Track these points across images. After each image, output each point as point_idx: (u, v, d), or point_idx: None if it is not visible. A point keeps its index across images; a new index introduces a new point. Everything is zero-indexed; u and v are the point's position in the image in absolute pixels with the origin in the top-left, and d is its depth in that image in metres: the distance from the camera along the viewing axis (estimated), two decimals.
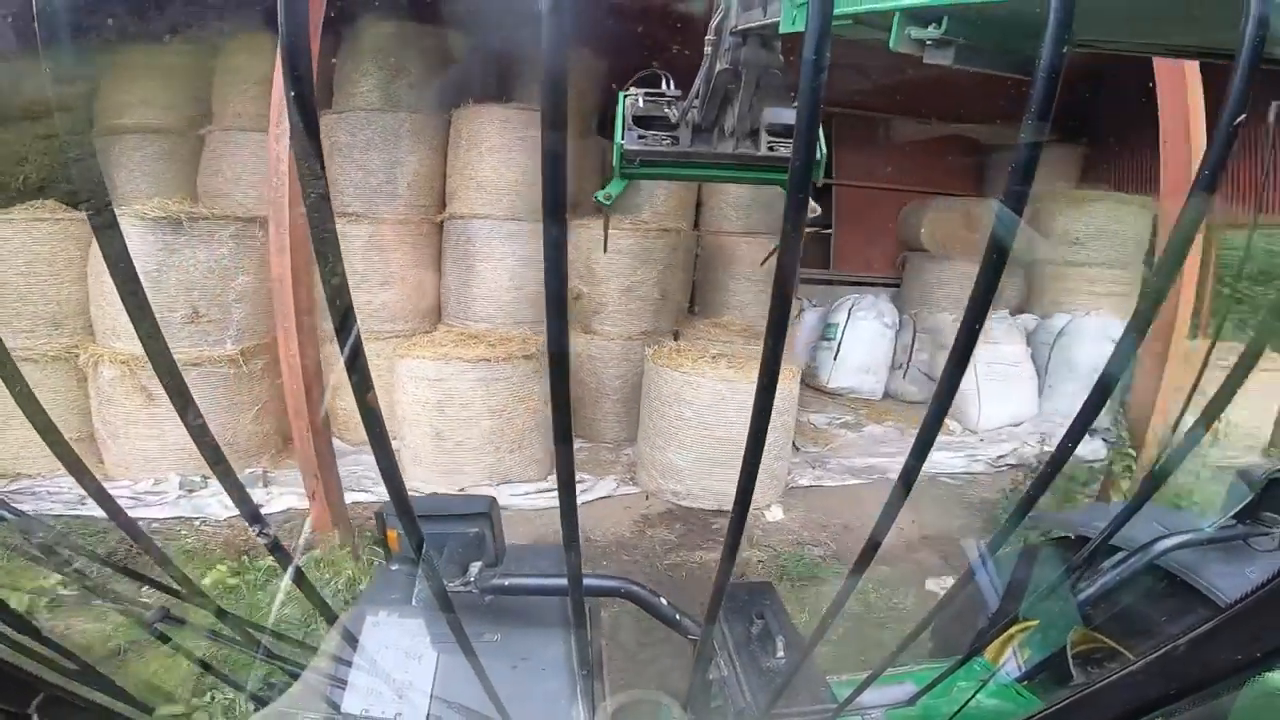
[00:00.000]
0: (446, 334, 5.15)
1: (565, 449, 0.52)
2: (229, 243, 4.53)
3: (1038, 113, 0.44)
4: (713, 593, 0.69)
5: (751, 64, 2.23)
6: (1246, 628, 0.47)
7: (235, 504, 0.60)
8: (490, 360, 4.36)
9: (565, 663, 1.20)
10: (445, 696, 0.99)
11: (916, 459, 0.57)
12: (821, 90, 0.42)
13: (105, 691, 0.71)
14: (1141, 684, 0.53)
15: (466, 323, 5.44)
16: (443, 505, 1.26)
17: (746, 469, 0.57)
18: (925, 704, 1.16)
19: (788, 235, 0.47)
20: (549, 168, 0.39)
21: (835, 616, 0.72)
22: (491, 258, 5.37)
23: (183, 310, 4.44)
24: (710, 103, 2.56)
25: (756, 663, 1.29)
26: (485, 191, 5.39)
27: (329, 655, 1.03)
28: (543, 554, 1.60)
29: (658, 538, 4.23)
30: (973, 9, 0.87)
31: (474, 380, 4.35)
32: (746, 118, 2.55)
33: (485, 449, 4.45)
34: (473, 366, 4.32)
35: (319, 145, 0.41)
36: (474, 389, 4.36)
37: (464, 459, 4.42)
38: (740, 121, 2.54)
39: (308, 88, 0.37)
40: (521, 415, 4.54)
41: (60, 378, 4.79)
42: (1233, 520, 1.58)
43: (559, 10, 0.35)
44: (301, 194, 0.39)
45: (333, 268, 0.43)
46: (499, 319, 5.39)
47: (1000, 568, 1.70)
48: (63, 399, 4.83)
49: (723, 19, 2.17)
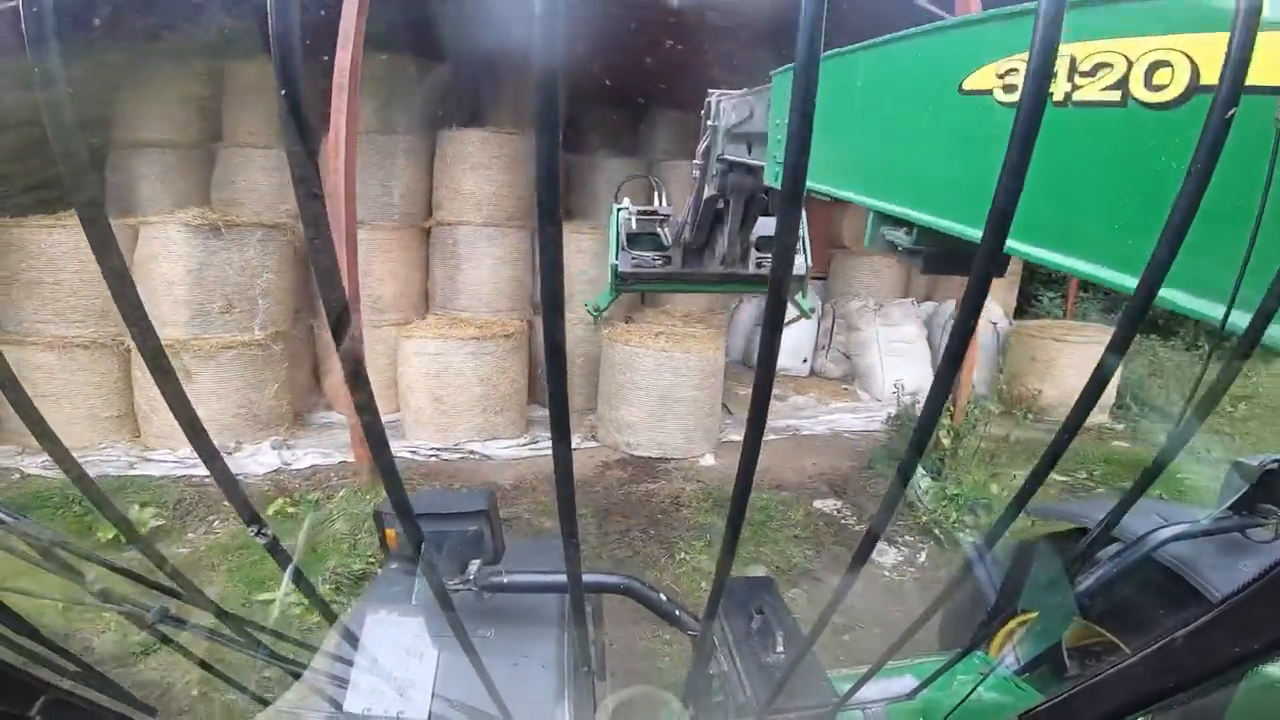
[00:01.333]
0: (437, 321, 6.19)
1: (563, 447, 0.49)
2: (256, 245, 5.47)
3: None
4: (712, 588, 0.67)
5: (739, 190, 2.30)
6: (1244, 620, 0.47)
7: (231, 501, 0.57)
8: (479, 338, 5.46)
9: (567, 660, 1.19)
10: (446, 695, 0.99)
11: (915, 453, 0.56)
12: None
13: (107, 693, 0.71)
14: (1140, 677, 0.54)
15: (452, 312, 6.48)
16: (441, 502, 1.26)
17: (744, 468, 0.55)
18: (925, 697, 1.14)
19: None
20: (543, 167, 0.37)
21: (833, 612, 0.71)
22: (473, 258, 6.41)
23: (219, 302, 5.37)
24: (700, 226, 2.66)
25: (756, 658, 1.27)
26: (467, 202, 6.43)
27: (330, 655, 1.02)
28: (542, 550, 1.60)
29: (614, 478, 5.37)
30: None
31: (466, 354, 5.43)
32: (736, 238, 2.62)
33: (475, 410, 5.54)
34: (465, 344, 5.41)
35: (313, 148, 0.41)
36: (466, 362, 5.44)
37: (459, 419, 5.52)
38: (730, 246, 2.62)
39: (299, 90, 0.37)
40: (503, 383, 5.64)
41: (107, 361, 5.63)
42: (1228, 512, 1.54)
43: (552, 12, 0.34)
44: (296, 199, 0.39)
45: (329, 270, 0.42)
46: (480, 308, 6.44)
47: (997, 561, 1.68)
48: (107, 380, 5.67)
49: (709, 145, 2.23)
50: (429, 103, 6.57)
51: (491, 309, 6.45)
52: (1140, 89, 0.65)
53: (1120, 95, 0.67)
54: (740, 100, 1.99)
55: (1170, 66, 0.62)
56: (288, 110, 0.37)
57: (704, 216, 2.60)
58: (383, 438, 0.50)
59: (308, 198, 0.40)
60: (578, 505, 0.57)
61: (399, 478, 0.54)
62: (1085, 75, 0.70)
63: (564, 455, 0.50)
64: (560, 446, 0.49)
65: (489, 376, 5.53)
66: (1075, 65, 0.71)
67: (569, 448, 0.50)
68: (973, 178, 0.86)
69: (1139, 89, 0.65)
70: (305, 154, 0.38)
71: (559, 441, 0.49)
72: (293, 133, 0.38)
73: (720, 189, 2.34)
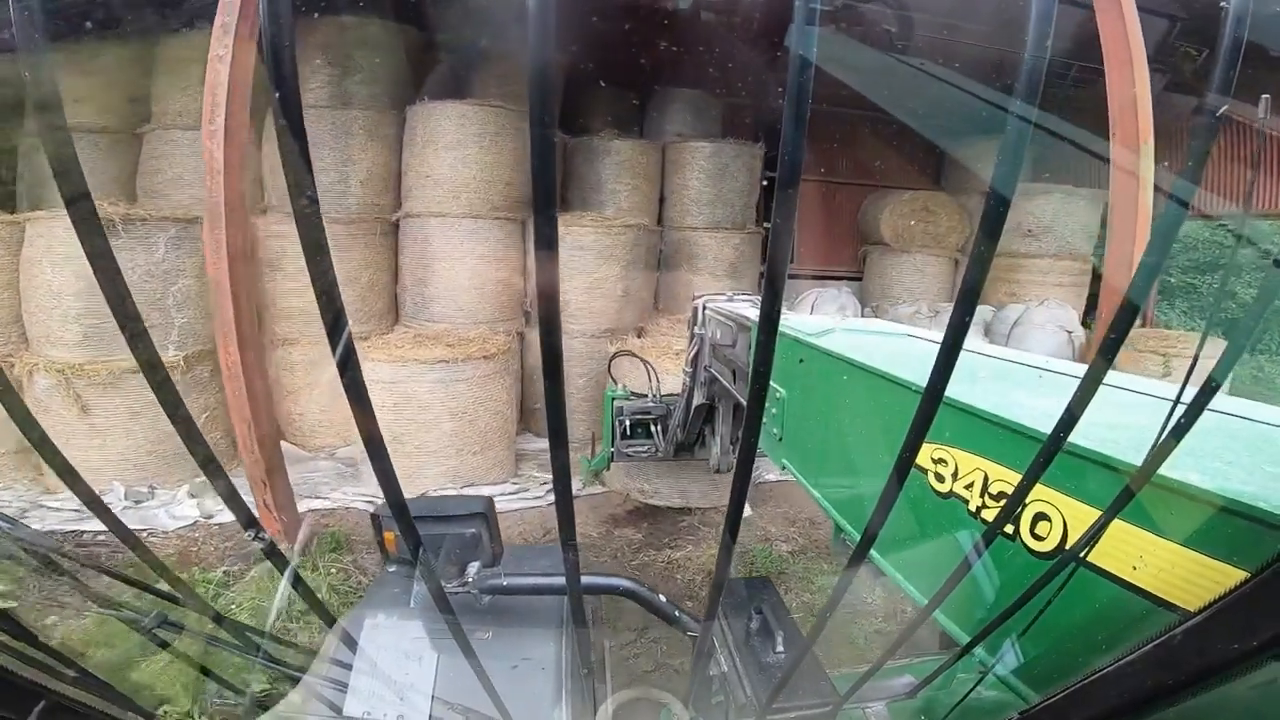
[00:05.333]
0: (404, 335, 5.02)
1: (560, 450, 0.51)
2: (168, 245, 4.33)
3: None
4: (711, 589, 0.69)
5: (727, 397, 2.31)
6: (1243, 616, 0.46)
7: (229, 509, 0.59)
8: (449, 361, 4.25)
9: (566, 662, 1.19)
10: (445, 697, 0.99)
11: (910, 451, 0.56)
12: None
13: (106, 698, 0.70)
14: (1140, 675, 0.53)
15: (425, 323, 5.31)
16: (439, 506, 1.27)
17: (742, 466, 0.55)
18: (926, 696, 1.16)
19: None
20: (539, 162, 0.37)
21: (833, 611, 0.71)
22: (450, 256, 5.25)
23: None
24: (690, 428, 2.76)
25: (757, 658, 1.28)
26: (442, 189, 5.27)
27: (329, 659, 1.02)
28: (541, 554, 1.60)
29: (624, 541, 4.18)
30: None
31: (433, 382, 4.23)
32: (729, 447, 2.68)
33: (447, 452, 4.34)
34: (430, 368, 4.21)
35: (305, 147, 0.39)
36: (433, 391, 4.24)
37: (424, 462, 4.31)
38: (724, 454, 2.70)
39: (293, 88, 0.36)
40: (483, 417, 4.44)
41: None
42: None
43: (545, 5, 0.34)
44: (290, 198, 0.38)
45: (324, 273, 0.42)
46: (458, 319, 5.28)
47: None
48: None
49: (697, 353, 2.29)
50: (395, 71, 5.43)
51: (472, 319, 5.29)
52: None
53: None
54: (723, 324, 2.04)
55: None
56: (281, 113, 0.37)
57: (693, 422, 2.66)
58: (382, 448, 0.51)
59: (304, 206, 0.40)
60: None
61: (396, 480, 0.54)
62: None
63: (562, 462, 0.52)
64: (558, 454, 0.51)
65: (464, 409, 4.33)
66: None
67: (567, 455, 0.51)
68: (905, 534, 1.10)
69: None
70: (300, 154, 0.38)
71: (557, 449, 0.51)
72: (287, 135, 0.38)
73: (709, 397, 2.40)
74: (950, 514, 1.01)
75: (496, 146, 5.30)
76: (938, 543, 1.06)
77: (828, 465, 1.40)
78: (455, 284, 5.28)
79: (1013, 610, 0.73)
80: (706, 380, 2.33)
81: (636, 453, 3.27)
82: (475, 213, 5.27)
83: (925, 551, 1.09)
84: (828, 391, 1.37)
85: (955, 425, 0.99)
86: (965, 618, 0.99)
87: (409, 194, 5.42)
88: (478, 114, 5.26)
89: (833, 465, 1.38)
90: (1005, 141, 0.44)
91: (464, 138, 5.25)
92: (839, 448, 1.35)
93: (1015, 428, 0.90)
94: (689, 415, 2.62)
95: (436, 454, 4.31)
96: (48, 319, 4.25)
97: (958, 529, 1.00)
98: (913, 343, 1.47)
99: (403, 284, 5.49)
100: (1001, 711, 0.82)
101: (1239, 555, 0.63)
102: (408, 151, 5.43)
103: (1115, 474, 0.75)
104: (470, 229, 5.26)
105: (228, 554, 4.05)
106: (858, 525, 1.25)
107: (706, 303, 2.26)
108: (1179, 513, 0.69)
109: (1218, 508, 0.65)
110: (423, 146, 5.31)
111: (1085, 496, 0.80)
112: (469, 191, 5.26)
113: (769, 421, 1.65)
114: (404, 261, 5.46)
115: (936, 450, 1.01)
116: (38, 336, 4.35)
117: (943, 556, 1.05)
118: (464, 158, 5.24)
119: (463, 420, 4.33)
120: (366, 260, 5.25)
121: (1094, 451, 0.78)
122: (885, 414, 1.18)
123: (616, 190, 6.12)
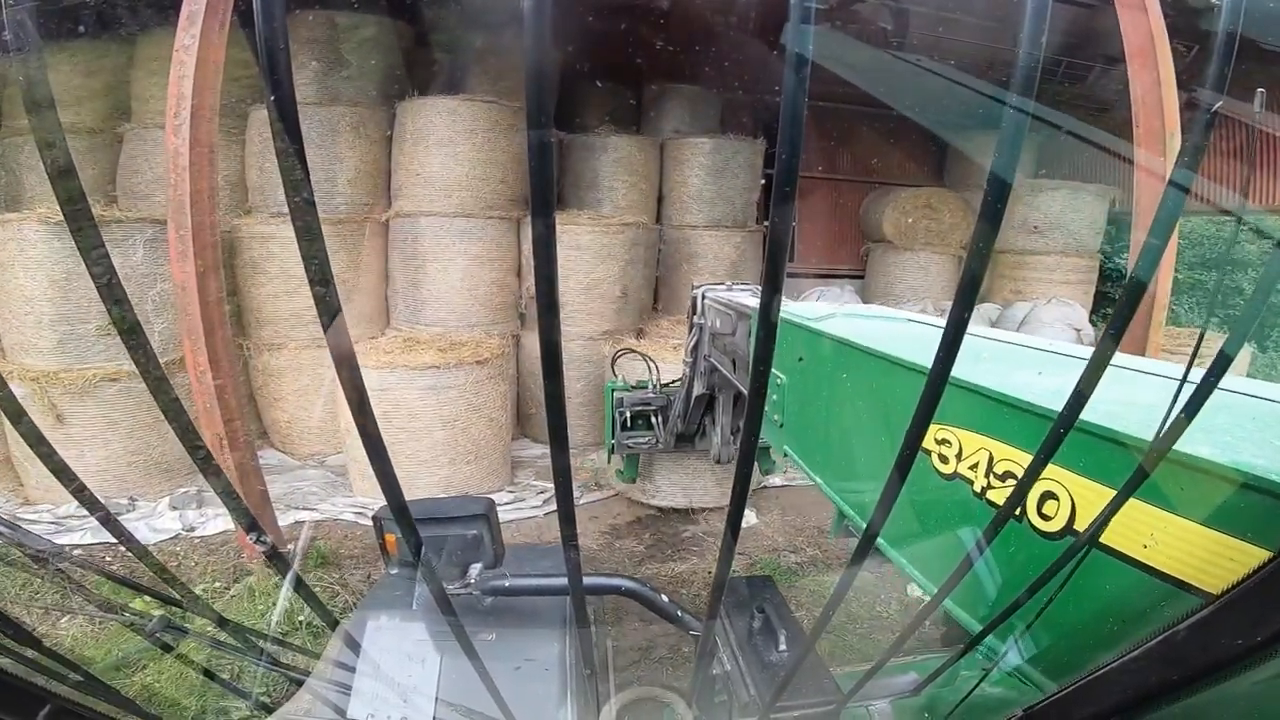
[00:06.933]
0: (394, 340, 4.83)
1: (560, 449, 0.51)
2: (146, 247, 4.14)
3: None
4: (712, 588, 0.69)
5: (728, 387, 2.35)
6: (1248, 611, 0.45)
7: (230, 512, 0.59)
8: (440, 367, 4.06)
9: (569, 662, 1.19)
10: (448, 698, 0.99)
11: (910, 448, 0.55)
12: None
13: (111, 702, 0.69)
14: (1144, 670, 0.52)
15: (416, 327, 5.13)
16: (440, 508, 1.26)
17: (743, 460, 0.55)
18: (930, 693, 1.15)
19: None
20: (536, 162, 0.36)
21: (835, 609, 0.71)
22: (441, 257, 5.07)
23: (96, 322, 4.04)
24: (690, 418, 2.78)
25: (760, 657, 1.28)
26: (433, 187, 5.08)
27: (332, 661, 1.02)
28: (543, 554, 1.60)
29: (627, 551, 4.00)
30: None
31: (423, 389, 4.05)
32: (730, 437, 2.70)
33: (439, 461, 4.16)
34: (420, 374, 4.02)
35: (301, 148, 0.39)
36: (423, 398, 4.06)
37: (415, 472, 4.12)
38: (724, 444, 2.71)
39: (288, 89, 0.36)
40: (476, 424, 4.25)
41: None
42: None
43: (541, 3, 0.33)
44: (287, 200, 0.39)
45: (321, 274, 0.42)
46: (451, 322, 5.10)
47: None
48: None
49: (697, 342, 2.31)
50: (383, 66, 5.25)
51: (466, 322, 5.11)
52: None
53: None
54: (723, 313, 2.05)
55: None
56: (277, 113, 0.37)
57: (694, 412, 2.67)
58: (382, 449, 0.50)
59: (300, 205, 0.40)
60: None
61: (397, 481, 0.54)
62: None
63: (562, 463, 0.51)
64: (559, 455, 0.51)
65: (456, 416, 4.15)
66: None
67: (567, 455, 0.51)
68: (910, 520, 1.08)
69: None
70: (296, 154, 0.38)
71: (558, 450, 0.50)
72: (282, 135, 0.38)
73: (709, 387, 2.41)
74: (955, 496, 0.98)
75: (489, 143, 5.12)
76: (943, 526, 1.05)
77: (830, 451, 1.39)
78: (447, 285, 5.10)
79: (1023, 600, 0.69)
80: (706, 370, 2.33)
81: (637, 444, 3.30)
82: (468, 211, 5.09)
83: (930, 535, 1.07)
84: (829, 376, 1.36)
85: (959, 405, 0.96)
86: (972, 603, 0.96)
87: (399, 193, 5.23)
88: (470, 109, 5.07)
89: (835, 451, 1.37)
90: (1003, 132, 0.43)
91: (455, 134, 5.06)
92: (841, 432, 1.34)
93: (1022, 406, 0.88)
94: (689, 405, 2.63)
95: (428, 463, 4.13)
96: (21, 325, 4.07)
97: (963, 511, 0.98)
98: (914, 327, 1.44)
99: (393, 286, 5.30)
100: (1006, 708, 0.82)
101: (1251, 531, 0.61)
102: (397, 149, 5.24)
103: (1124, 450, 0.72)
104: (463, 228, 5.08)
105: (210, 568, 3.89)
106: (861, 510, 1.25)
107: (706, 292, 2.28)
108: (1190, 488, 0.66)
109: (1231, 482, 0.63)
110: (413, 143, 5.12)
111: (1094, 474, 0.76)
112: (461, 190, 5.07)
113: (770, 408, 1.62)
114: (394, 263, 5.28)
115: (940, 430, 0.99)
116: (12, 344, 4.17)
117: (948, 540, 1.04)
118: (456, 155, 5.05)
119: (455, 428, 4.14)
120: (354, 261, 5.07)
121: (1103, 427, 0.74)
122: (888, 397, 1.17)
123: (614, 188, 5.94)
